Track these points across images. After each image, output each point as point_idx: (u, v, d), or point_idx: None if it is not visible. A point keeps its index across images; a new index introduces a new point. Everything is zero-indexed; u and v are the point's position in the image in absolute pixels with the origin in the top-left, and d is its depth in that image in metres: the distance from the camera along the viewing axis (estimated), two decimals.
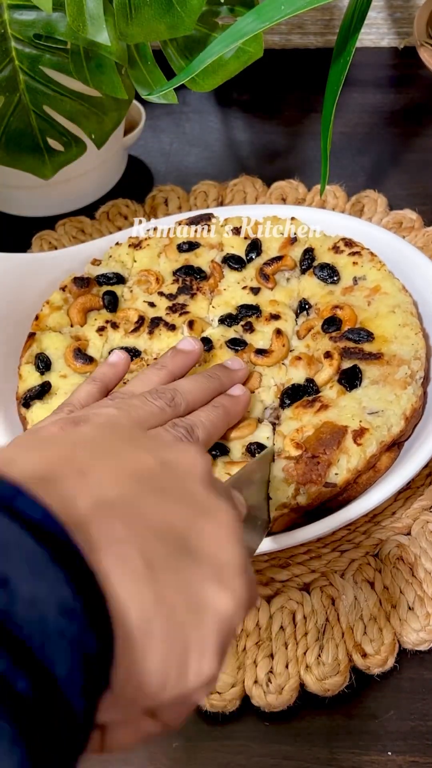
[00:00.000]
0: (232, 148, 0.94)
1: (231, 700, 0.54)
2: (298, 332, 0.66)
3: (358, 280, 0.67)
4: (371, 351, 0.62)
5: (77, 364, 0.64)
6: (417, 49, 0.75)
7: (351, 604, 0.57)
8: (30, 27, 0.73)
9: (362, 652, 0.54)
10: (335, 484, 0.56)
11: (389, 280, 0.66)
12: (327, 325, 0.64)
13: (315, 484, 0.55)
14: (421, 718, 0.53)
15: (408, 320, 0.64)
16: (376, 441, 0.57)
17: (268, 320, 0.66)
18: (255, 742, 0.53)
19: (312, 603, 0.57)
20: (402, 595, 0.57)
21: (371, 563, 0.59)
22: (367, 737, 0.53)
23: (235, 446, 0.59)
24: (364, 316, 0.65)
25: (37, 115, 0.77)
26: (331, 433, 0.57)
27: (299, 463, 0.56)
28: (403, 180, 0.85)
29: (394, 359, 0.61)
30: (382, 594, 0.57)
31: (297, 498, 0.55)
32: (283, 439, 0.58)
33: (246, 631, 0.56)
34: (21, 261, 0.65)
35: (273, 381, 0.62)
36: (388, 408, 0.59)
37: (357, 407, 0.59)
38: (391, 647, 0.55)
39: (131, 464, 0.34)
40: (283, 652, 0.55)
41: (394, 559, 0.59)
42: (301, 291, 0.69)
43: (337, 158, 0.87)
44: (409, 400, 0.59)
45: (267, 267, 0.69)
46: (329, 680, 0.54)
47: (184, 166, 0.90)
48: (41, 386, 0.63)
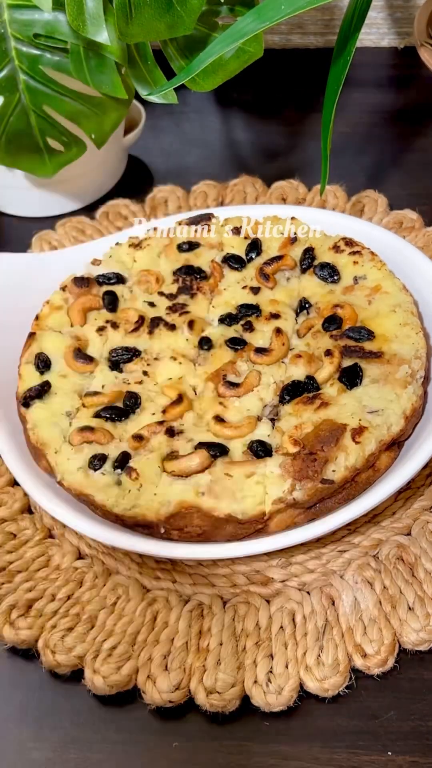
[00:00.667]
0: (232, 148, 0.94)
1: (231, 700, 0.53)
2: (298, 331, 0.66)
3: (359, 279, 0.67)
4: (372, 350, 0.62)
5: (77, 364, 0.64)
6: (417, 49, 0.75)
7: (351, 604, 0.56)
8: (30, 27, 0.73)
9: (362, 653, 0.54)
10: (333, 481, 0.56)
11: (390, 280, 0.66)
12: (327, 323, 0.64)
13: (311, 481, 0.55)
14: (421, 719, 0.53)
15: (408, 319, 0.63)
16: (375, 440, 0.57)
17: (268, 319, 0.66)
18: (254, 742, 0.53)
19: (312, 603, 0.57)
20: (402, 596, 0.57)
21: (371, 563, 0.59)
22: (367, 737, 0.53)
23: (236, 446, 0.59)
24: (365, 315, 0.65)
25: (37, 115, 0.77)
26: (330, 430, 0.57)
27: (296, 460, 0.56)
28: (403, 180, 0.85)
29: (394, 358, 0.61)
30: (382, 594, 0.57)
31: (293, 493, 0.55)
32: (282, 435, 0.58)
33: (246, 631, 0.56)
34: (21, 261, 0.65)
35: (272, 379, 0.62)
36: (388, 407, 0.59)
37: (357, 406, 0.59)
38: (391, 647, 0.55)
39: None
40: (283, 653, 0.55)
41: (394, 560, 0.59)
42: (301, 290, 0.68)
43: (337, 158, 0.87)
44: (410, 400, 0.59)
45: (267, 267, 0.69)
46: (329, 680, 0.54)
47: (184, 166, 0.90)
48: (41, 386, 0.63)
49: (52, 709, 0.55)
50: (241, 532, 0.57)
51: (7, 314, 0.70)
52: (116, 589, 0.59)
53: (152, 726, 0.54)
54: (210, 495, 0.56)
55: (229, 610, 0.58)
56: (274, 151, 0.91)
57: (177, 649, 0.55)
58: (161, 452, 0.59)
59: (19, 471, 0.61)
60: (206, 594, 0.58)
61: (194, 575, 0.60)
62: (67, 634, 0.56)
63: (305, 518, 0.57)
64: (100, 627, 0.57)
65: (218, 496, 0.56)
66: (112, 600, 0.59)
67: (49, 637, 0.56)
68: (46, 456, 0.60)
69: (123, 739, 0.54)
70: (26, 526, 0.63)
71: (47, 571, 0.60)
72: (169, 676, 0.54)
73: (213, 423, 0.60)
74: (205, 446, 0.58)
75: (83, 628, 0.57)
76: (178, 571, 0.60)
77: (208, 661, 0.55)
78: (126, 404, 0.62)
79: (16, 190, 0.86)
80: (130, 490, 0.57)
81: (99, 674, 0.54)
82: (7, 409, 0.64)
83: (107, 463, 0.58)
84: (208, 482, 0.56)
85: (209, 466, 0.57)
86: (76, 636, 0.56)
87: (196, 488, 0.56)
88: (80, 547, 0.62)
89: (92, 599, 0.58)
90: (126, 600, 0.58)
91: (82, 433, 0.60)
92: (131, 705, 0.55)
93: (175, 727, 0.54)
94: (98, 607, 0.58)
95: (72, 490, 0.59)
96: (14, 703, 0.56)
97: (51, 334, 0.67)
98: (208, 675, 0.54)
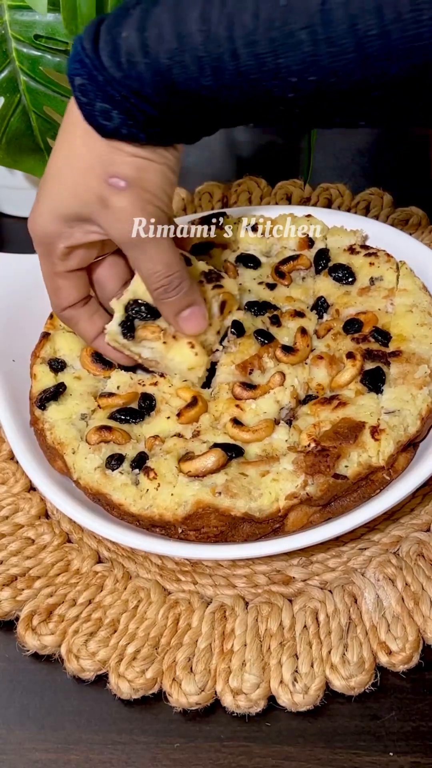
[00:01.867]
0: (232, 148, 0.94)
1: (257, 700, 0.53)
2: (317, 332, 0.66)
3: (375, 280, 0.67)
4: (391, 350, 0.62)
5: (95, 368, 0.64)
6: None
7: (373, 602, 0.56)
8: (30, 28, 0.73)
9: (387, 650, 0.54)
10: (346, 477, 0.56)
11: (410, 278, 0.66)
12: (348, 326, 0.65)
13: (323, 475, 0.55)
14: (423, 719, 0.53)
15: (426, 319, 0.64)
16: (393, 440, 0.57)
17: (292, 316, 0.66)
18: (256, 742, 0.53)
19: (335, 602, 0.57)
20: (424, 592, 0.57)
21: (392, 560, 0.59)
22: (369, 738, 0.53)
23: (252, 448, 0.58)
24: (383, 316, 0.65)
25: (38, 116, 0.76)
26: (348, 427, 0.57)
27: (308, 455, 0.56)
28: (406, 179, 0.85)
29: (413, 357, 0.61)
30: (404, 591, 0.57)
31: (306, 489, 0.55)
32: (300, 433, 0.58)
33: (269, 631, 0.56)
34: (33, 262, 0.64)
35: (297, 380, 0.62)
36: (404, 408, 0.59)
37: (375, 406, 0.59)
38: (416, 644, 0.55)
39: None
40: (308, 652, 0.55)
41: (414, 556, 0.59)
42: (316, 291, 0.68)
43: (338, 158, 0.88)
44: (425, 401, 0.59)
45: (282, 265, 0.69)
46: (355, 679, 0.53)
47: (184, 166, 0.89)
48: (56, 387, 0.63)
49: (53, 710, 0.55)
50: (258, 531, 0.57)
51: (15, 314, 0.69)
52: (137, 592, 0.59)
53: (153, 727, 0.54)
54: (226, 494, 0.56)
55: (251, 610, 0.57)
56: (274, 151, 0.91)
57: (201, 651, 0.55)
58: (177, 453, 0.58)
59: (35, 474, 0.60)
60: (228, 595, 0.58)
61: (215, 576, 0.59)
62: (89, 638, 0.56)
63: (321, 517, 0.57)
64: (123, 631, 0.57)
65: (235, 495, 0.56)
66: (133, 603, 0.58)
67: (73, 643, 0.56)
68: (63, 456, 0.60)
69: (124, 740, 0.53)
70: (44, 531, 0.62)
71: (67, 576, 0.60)
72: (195, 678, 0.54)
73: (230, 426, 0.59)
74: (220, 446, 0.58)
75: (106, 633, 0.56)
76: (199, 572, 0.59)
77: (233, 663, 0.54)
78: (141, 406, 0.62)
79: (16, 190, 0.85)
80: (148, 489, 0.57)
81: (124, 678, 0.54)
82: (19, 410, 0.64)
83: (125, 462, 0.58)
84: (224, 482, 0.56)
85: (224, 465, 0.57)
86: (100, 640, 0.56)
87: (213, 488, 0.56)
88: (100, 551, 0.61)
89: (114, 603, 0.58)
90: (147, 603, 0.58)
91: (100, 432, 0.59)
92: (132, 706, 0.55)
93: (177, 728, 0.54)
94: (120, 611, 0.58)
95: (89, 489, 0.58)
96: (15, 704, 0.56)
97: (65, 333, 0.66)
98: (233, 677, 0.54)
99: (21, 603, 0.58)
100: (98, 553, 0.61)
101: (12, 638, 0.57)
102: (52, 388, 0.63)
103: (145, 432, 0.60)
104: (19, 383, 0.65)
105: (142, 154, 0.52)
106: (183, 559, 0.60)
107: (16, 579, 0.60)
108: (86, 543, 0.62)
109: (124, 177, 0.52)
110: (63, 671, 0.56)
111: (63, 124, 0.54)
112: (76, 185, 0.54)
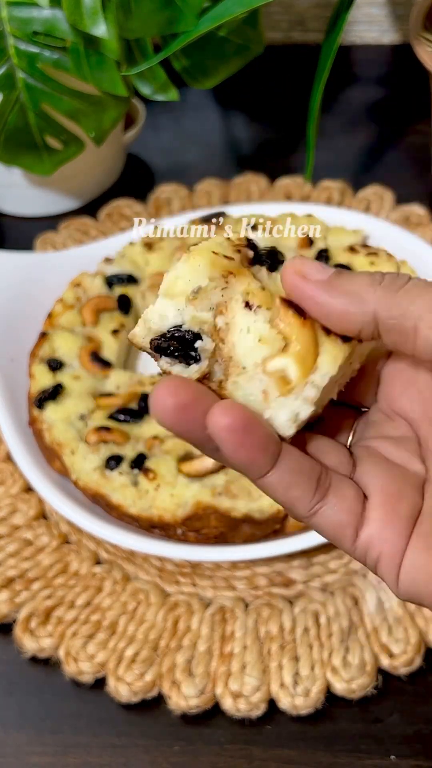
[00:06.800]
0: (233, 145, 0.93)
1: (257, 703, 0.53)
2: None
3: None
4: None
5: (94, 367, 0.64)
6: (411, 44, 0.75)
7: (375, 604, 0.56)
8: (28, 24, 0.73)
9: (389, 653, 0.54)
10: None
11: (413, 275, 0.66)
12: None
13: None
14: (425, 722, 0.53)
15: None
16: None
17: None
18: (256, 746, 0.52)
19: (336, 604, 0.56)
20: None
21: None
22: (370, 741, 0.52)
23: None
24: None
25: (36, 113, 0.76)
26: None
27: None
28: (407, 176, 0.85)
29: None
30: None
31: None
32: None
33: (270, 634, 0.55)
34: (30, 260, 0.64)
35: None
36: None
37: None
38: (418, 647, 0.54)
39: None
40: (309, 655, 0.54)
41: None
42: None
43: (340, 155, 0.87)
44: None
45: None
46: (356, 681, 0.53)
47: (184, 163, 0.90)
48: (55, 387, 0.62)
49: (52, 714, 0.55)
50: (258, 533, 0.57)
51: (13, 313, 0.69)
52: (136, 594, 0.58)
53: (153, 730, 0.53)
54: (226, 495, 0.56)
55: (251, 613, 0.57)
56: (275, 149, 0.90)
57: (200, 654, 0.55)
58: (177, 453, 0.58)
59: (33, 475, 0.60)
60: (228, 597, 0.58)
61: (214, 578, 0.59)
62: (88, 641, 0.56)
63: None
64: (122, 633, 0.56)
65: (235, 496, 0.56)
66: (132, 605, 0.58)
67: (71, 645, 0.55)
68: (62, 457, 0.60)
69: (123, 743, 0.53)
70: (42, 533, 0.62)
71: (65, 578, 0.59)
72: (194, 681, 0.53)
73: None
74: None
75: (104, 635, 0.56)
76: (198, 574, 0.59)
77: (233, 666, 0.54)
78: (140, 406, 0.62)
79: (14, 188, 0.85)
80: (147, 490, 0.57)
81: (123, 681, 0.54)
82: (16, 410, 0.63)
83: (124, 463, 0.58)
84: (224, 482, 0.56)
85: (224, 466, 0.57)
86: (98, 643, 0.55)
87: (213, 489, 0.56)
88: (98, 553, 0.61)
89: (112, 605, 0.58)
90: (146, 605, 0.58)
91: (99, 432, 0.59)
92: (131, 709, 0.54)
93: (176, 731, 0.53)
94: (119, 613, 0.57)
95: (87, 490, 0.58)
96: (13, 707, 0.55)
97: (63, 333, 0.66)
98: (233, 679, 0.53)
99: (19, 605, 0.58)
100: (97, 555, 0.61)
101: (9, 641, 0.57)
102: (51, 387, 0.62)
103: (145, 432, 0.60)
104: (17, 383, 0.65)
105: None
106: (182, 561, 0.59)
107: (13, 581, 0.59)
108: (85, 544, 0.61)
109: None
110: (61, 674, 0.55)
111: None
112: None
